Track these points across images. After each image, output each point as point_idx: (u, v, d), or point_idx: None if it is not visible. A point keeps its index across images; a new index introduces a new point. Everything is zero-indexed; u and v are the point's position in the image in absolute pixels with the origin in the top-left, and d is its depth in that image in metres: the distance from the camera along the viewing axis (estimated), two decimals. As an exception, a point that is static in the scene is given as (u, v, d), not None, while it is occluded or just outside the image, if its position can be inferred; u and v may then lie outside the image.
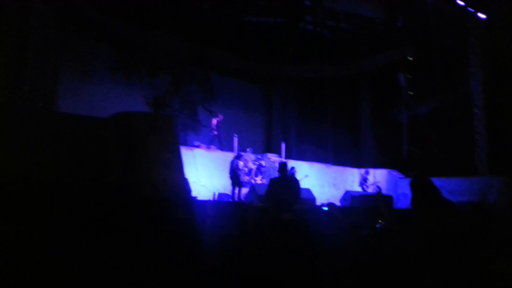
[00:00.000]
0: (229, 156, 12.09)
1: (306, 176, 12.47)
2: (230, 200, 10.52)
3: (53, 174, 6.06)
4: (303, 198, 10.06)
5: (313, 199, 10.97)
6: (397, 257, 2.81)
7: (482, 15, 14.00)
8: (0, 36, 8.39)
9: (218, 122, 13.37)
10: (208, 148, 12.65)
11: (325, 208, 7.85)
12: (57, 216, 4.76)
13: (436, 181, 12.36)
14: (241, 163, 11.46)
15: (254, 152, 13.68)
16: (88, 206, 5.20)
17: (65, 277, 3.01)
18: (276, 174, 10.38)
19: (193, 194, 9.40)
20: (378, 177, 13.95)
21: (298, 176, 11.79)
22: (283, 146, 13.57)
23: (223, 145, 13.37)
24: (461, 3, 14.10)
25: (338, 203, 12.34)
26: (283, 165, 6.77)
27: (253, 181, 12.10)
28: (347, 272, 3.00)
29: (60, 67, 11.46)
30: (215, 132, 13.32)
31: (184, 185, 7.88)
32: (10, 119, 7.11)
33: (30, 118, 7.41)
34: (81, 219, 4.70)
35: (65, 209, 4.88)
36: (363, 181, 13.25)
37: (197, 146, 12.52)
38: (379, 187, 13.02)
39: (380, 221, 4.25)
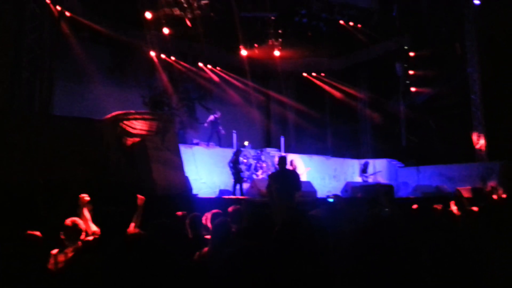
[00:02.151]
0: (229, 152, 12.09)
1: (307, 168, 12.51)
2: (231, 196, 10.53)
3: (51, 176, 6.09)
4: (304, 191, 10.09)
5: (314, 191, 10.98)
6: (397, 247, 2.81)
7: (476, 0, 13.92)
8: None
9: (215, 118, 13.36)
10: (207, 145, 12.65)
11: (331, 200, 7.85)
12: (58, 216, 4.77)
13: (436, 168, 12.53)
14: (241, 159, 11.47)
15: (253, 147, 13.70)
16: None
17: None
18: (275, 168, 10.41)
19: (194, 191, 9.42)
20: (378, 167, 13.96)
21: (299, 169, 11.84)
22: (282, 140, 13.58)
23: (222, 141, 13.37)
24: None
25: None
26: (282, 159, 6.78)
27: (254, 176, 12.12)
28: (350, 263, 2.98)
29: (55, 70, 11.44)
30: (205, 125, 13.38)
31: (184, 182, 7.92)
32: (8, 123, 7.13)
33: (27, 122, 7.43)
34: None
35: (65, 210, 4.90)
36: (362, 171, 13.26)
37: (196, 144, 12.52)
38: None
39: (386, 209, 4.26)
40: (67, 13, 12.35)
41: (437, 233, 3.72)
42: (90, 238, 4.00)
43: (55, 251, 3.51)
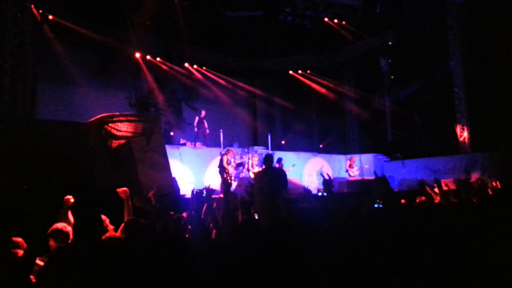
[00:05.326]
0: (216, 151, 12.14)
1: (293, 165, 12.59)
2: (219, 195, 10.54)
3: (36, 182, 6.06)
4: (292, 188, 10.16)
5: (302, 187, 11.05)
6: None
7: (458, -4, 14.13)
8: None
9: (199, 118, 13.35)
10: (194, 145, 12.66)
11: (320, 194, 7.88)
12: (44, 223, 4.74)
13: (421, 161, 12.66)
14: (228, 158, 11.51)
15: (240, 145, 13.75)
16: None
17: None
18: (261, 166, 10.47)
19: (182, 192, 9.44)
20: (365, 161, 14.11)
21: (285, 166, 11.91)
22: (269, 138, 13.64)
23: (209, 140, 13.40)
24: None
25: (326, 191, 12.45)
26: (268, 157, 6.84)
27: (242, 175, 12.16)
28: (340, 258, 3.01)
29: (39, 74, 11.37)
30: (195, 129, 13.35)
31: (171, 183, 7.92)
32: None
33: (10, 128, 7.39)
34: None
35: (51, 216, 4.88)
36: (349, 166, 13.39)
37: (183, 144, 12.52)
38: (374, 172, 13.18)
39: (378, 201, 4.27)
40: (50, 17, 12.26)
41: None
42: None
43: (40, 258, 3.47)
